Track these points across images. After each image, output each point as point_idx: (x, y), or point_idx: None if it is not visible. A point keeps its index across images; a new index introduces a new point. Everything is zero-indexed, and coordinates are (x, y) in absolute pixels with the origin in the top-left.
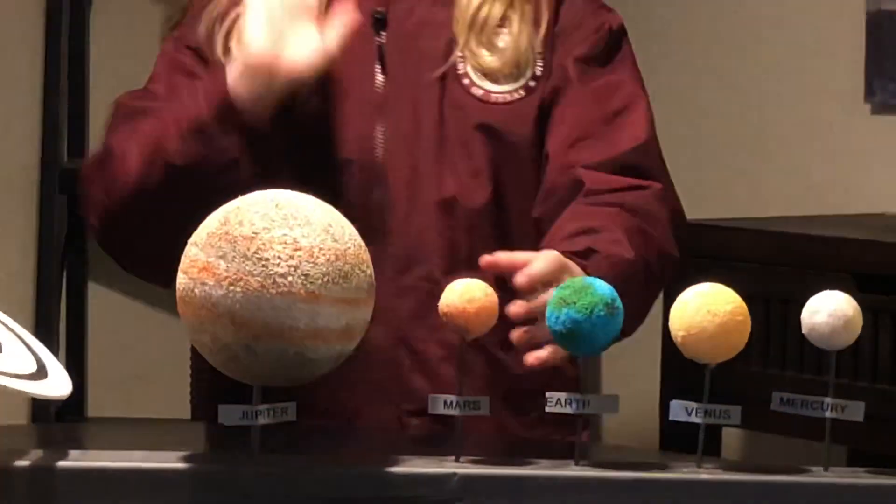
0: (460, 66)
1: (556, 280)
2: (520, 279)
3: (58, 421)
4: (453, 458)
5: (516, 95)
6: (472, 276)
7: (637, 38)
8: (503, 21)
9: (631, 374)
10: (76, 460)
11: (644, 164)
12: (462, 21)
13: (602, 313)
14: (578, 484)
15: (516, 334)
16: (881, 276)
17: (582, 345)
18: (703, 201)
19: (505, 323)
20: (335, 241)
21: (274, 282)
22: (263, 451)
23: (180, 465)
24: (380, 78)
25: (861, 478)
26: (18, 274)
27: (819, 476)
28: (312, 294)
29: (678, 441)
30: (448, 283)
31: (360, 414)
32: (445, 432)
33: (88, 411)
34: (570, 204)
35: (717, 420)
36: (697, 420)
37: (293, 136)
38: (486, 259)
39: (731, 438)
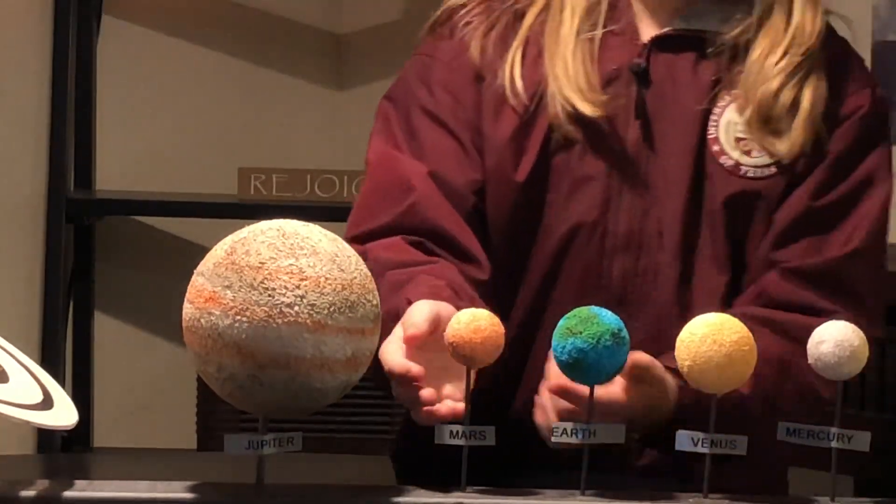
0: (711, 129)
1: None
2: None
3: (64, 451)
4: (458, 488)
5: (767, 172)
6: None
7: None
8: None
9: None
10: (82, 490)
11: (847, 277)
12: (751, 98)
13: (608, 343)
14: None
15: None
16: (888, 306)
17: (588, 374)
18: None
19: None
20: (341, 270)
21: (280, 311)
22: (270, 482)
23: (186, 496)
24: (636, 134)
25: None
26: (24, 303)
27: None
28: (318, 324)
29: None
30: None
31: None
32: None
33: (94, 441)
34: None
35: (724, 450)
36: (703, 450)
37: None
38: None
39: None
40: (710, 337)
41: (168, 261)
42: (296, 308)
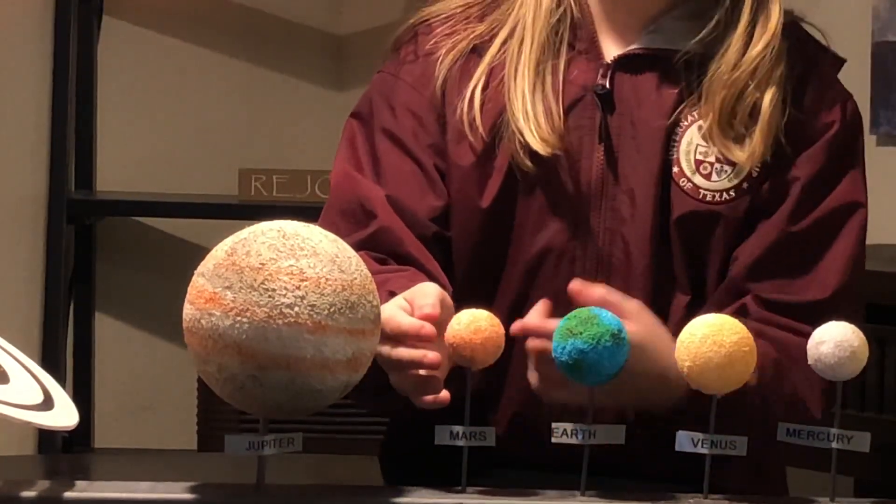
0: (672, 150)
1: None
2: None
3: (64, 451)
4: (459, 488)
5: (726, 196)
6: None
7: None
8: (752, 106)
9: None
10: (83, 491)
11: (828, 315)
12: (714, 104)
13: (608, 343)
14: None
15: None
16: (888, 306)
17: (588, 375)
18: None
19: None
20: (342, 271)
21: (280, 312)
22: (270, 482)
23: (186, 496)
24: (601, 159)
25: None
26: (25, 304)
27: None
28: (319, 324)
29: None
30: None
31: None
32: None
33: (95, 442)
34: None
35: (724, 450)
36: (703, 451)
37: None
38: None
39: None
40: (711, 337)
41: (168, 261)
42: (296, 309)
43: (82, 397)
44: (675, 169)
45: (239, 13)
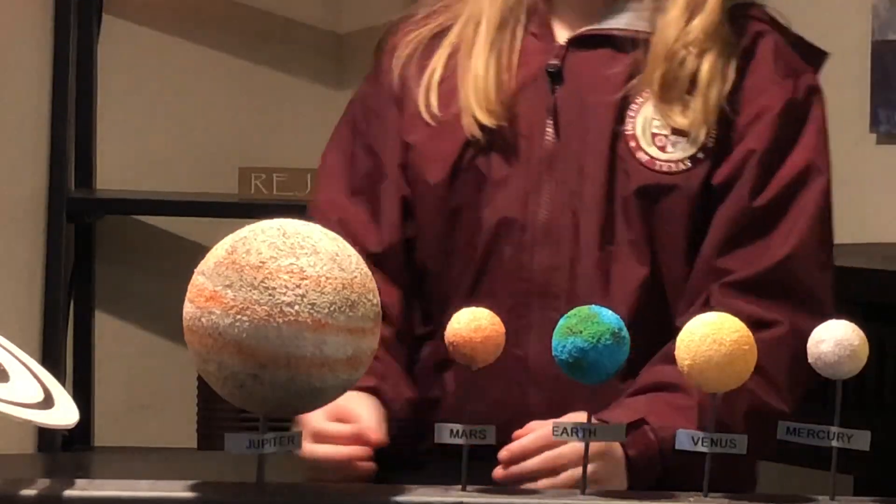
0: (628, 125)
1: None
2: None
3: (64, 450)
4: (459, 487)
5: (682, 166)
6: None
7: None
8: (692, 74)
9: None
10: (83, 489)
11: (787, 279)
12: (655, 75)
13: (609, 342)
14: None
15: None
16: (888, 305)
17: (588, 373)
18: None
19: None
20: (342, 270)
21: (281, 311)
22: (270, 480)
23: (186, 495)
24: (550, 133)
25: None
26: (25, 302)
27: None
28: (319, 323)
29: None
30: None
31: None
32: None
33: (95, 440)
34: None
35: (724, 449)
36: (703, 449)
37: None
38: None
39: None
40: (710, 336)
41: (168, 260)
42: (296, 307)
43: (82, 395)
44: (632, 144)
45: (239, 11)
